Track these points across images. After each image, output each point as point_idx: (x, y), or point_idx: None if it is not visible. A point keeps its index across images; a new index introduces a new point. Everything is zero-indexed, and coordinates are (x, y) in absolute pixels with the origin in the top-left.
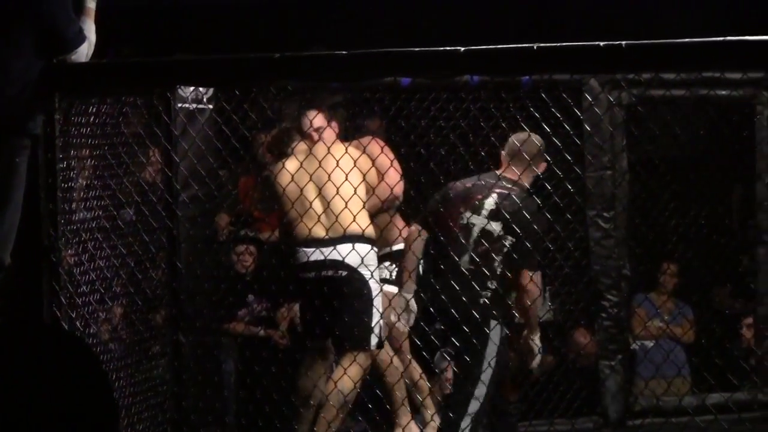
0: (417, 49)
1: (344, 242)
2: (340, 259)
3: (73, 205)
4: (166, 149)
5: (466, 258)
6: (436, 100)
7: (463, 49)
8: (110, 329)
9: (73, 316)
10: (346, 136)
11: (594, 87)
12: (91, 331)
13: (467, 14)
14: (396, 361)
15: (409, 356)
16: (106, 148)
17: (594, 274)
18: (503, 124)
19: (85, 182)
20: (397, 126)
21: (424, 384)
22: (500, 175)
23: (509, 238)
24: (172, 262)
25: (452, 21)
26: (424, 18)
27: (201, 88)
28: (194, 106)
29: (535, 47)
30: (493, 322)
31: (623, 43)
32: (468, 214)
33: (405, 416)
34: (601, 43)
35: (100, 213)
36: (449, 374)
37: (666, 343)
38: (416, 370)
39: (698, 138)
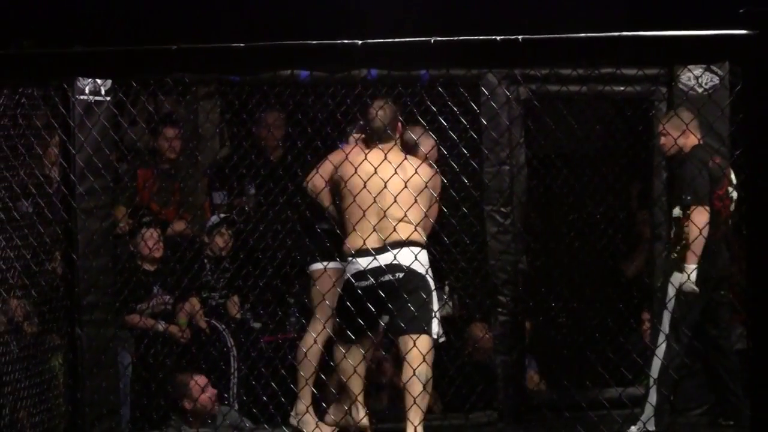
0: (314, 42)
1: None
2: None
3: None
4: (63, 141)
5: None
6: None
7: (360, 42)
8: (5, 321)
9: None
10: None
11: (491, 82)
12: None
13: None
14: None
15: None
16: (2, 139)
17: (490, 269)
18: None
19: None
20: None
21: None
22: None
23: None
24: (68, 255)
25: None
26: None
27: (99, 80)
28: (92, 98)
29: (432, 41)
30: None
31: (520, 37)
32: (731, 189)
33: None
34: (498, 38)
35: None
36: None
37: None
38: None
39: (598, 134)
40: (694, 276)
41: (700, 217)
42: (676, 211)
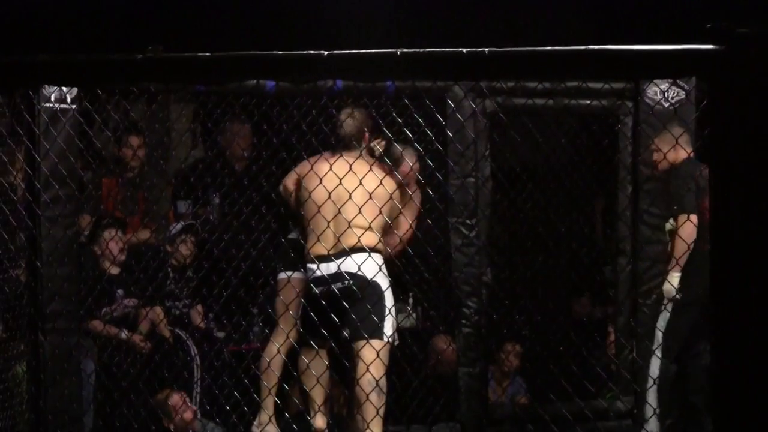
0: (280, 52)
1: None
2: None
3: None
4: (28, 149)
5: None
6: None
7: (326, 53)
8: None
9: None
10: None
11: (457, 94)
12: None
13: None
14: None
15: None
16: None
17: (454, 281)
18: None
19: None
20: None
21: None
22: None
23: None
24: (32, 263)
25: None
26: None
27: (64, 88)
28: (58, 106)
29: (398, 53)
30: None
31: (486, 50)
32: None
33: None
34: (464, 50)
35: None
36: None
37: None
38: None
39: (565, 147)
40: (675, 283)
41: (686, 225)
42: (669, 225)
